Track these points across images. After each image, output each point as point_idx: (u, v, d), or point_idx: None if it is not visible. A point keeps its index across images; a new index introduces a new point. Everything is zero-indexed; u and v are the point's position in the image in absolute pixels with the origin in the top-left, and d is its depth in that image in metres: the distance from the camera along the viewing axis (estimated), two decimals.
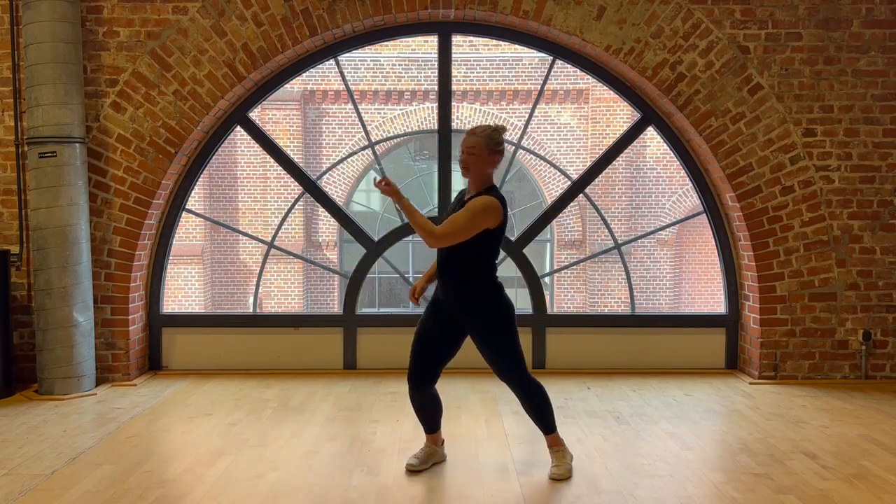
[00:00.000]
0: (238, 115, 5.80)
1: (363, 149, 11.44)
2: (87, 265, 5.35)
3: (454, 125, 6.40)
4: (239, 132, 6.63)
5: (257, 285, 7.15)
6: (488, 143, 3.55)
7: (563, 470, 3.71)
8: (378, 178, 3.56)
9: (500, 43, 12.28)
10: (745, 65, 5.48)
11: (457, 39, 6.60)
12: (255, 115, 13.40)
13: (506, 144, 3.68)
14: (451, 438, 4.26)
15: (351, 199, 15.51)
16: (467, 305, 3.62)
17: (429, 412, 3.85)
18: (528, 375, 3.68)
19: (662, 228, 10.30)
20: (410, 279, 12.78)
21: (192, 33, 5.44)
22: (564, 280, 15.26)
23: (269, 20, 5.43)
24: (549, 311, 6.04)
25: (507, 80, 14.68)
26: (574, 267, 15.21)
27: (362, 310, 8.16)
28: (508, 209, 3.67)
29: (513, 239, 6.06)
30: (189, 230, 14.68)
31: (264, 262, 6.85)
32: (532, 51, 8.80)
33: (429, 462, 3.86)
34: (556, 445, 3.78)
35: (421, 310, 4.05)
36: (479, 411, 4.82)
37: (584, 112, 14.81)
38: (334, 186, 14.79)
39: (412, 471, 3.78)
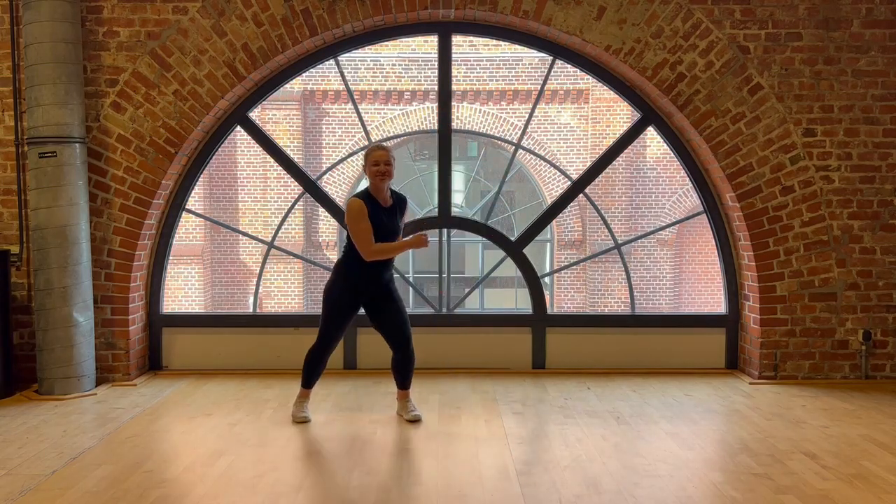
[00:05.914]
0: (238, 115, 5.80)
1: (363, 149, 11.40)
2: (87, 265, 5.35)
3: (454, 125, 6.40)
4: (239, 132, 6.63)
5: (257, 285, 7.15)
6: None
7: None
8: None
9: (500, 43, 12.25)
10: (745, 65, 5.48)
11: (457, 39, 6.59)
12: (255, 115, 13.38)
13: (371, 151, 4.63)
14: (450, 438, 4.27)
15: None
16: None
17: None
18: (316, 345, 4.58)
19: (662, 228, 10.31)
20: (410, 279, 12.77)
21: (192, 33, 5.44)
22: (564, 280, 15.26)
23: (269, 20, 5.43)
24: (549, 311, 6.04)
25: (507, 80, 14.66)
26: (574, 267, 15.21)
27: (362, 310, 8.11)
28: (372, 205, 4.45)
29: (513, 239, 6.07)
30: (189, 230, 14.67)
31: (264, 262, 6.85)
32: (532, 51, 8.80)
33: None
34: (299, 395, 4.72)
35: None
36: (479, 411, 4.82)
37: (584, 112, 14.80)
38: (334, 186, 14.79)
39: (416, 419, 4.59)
